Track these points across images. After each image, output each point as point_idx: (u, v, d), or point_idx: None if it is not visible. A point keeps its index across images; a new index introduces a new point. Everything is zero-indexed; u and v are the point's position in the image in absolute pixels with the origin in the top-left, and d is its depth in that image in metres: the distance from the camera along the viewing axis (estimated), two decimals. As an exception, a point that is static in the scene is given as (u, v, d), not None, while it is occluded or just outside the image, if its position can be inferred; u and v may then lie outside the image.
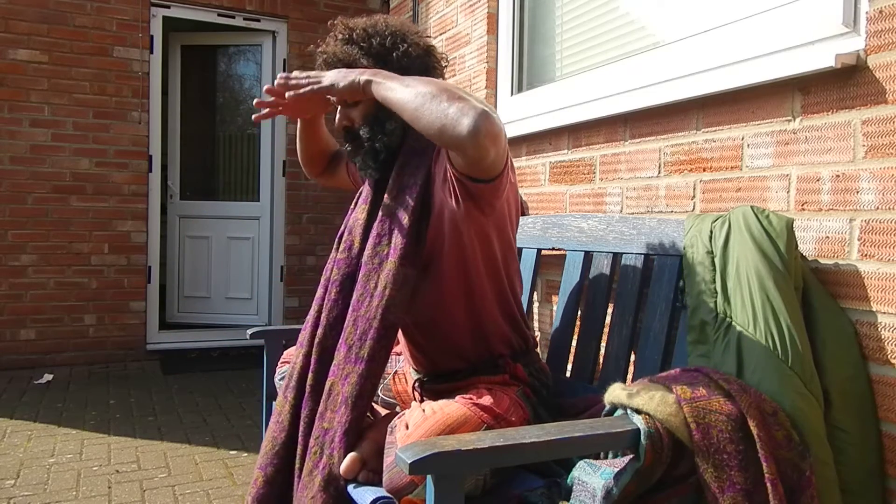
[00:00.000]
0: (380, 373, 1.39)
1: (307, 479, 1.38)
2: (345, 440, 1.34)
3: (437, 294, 1.44)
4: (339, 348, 1.43)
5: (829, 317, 1.26)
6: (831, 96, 1.34)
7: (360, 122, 1.48)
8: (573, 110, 2.09)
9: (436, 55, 1.52)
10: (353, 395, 1.36)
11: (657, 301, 1.48)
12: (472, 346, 1.47)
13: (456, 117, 1.18)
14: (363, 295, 1.43)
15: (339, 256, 1.55)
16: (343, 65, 1.46)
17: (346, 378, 1.39)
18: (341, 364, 1.41)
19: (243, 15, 4.75)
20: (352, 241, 1.53)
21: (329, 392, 1.41)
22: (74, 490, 2.40)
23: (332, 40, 1.50)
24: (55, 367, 4.19)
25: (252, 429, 3.16)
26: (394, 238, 1.42)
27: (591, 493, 1.07)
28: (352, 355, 1.39)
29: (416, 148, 1.47)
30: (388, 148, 1.47)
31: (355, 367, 1.38)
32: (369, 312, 1.40)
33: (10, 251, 4.15)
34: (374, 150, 1.47)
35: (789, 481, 1.07)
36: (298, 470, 1.43)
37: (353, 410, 1.35)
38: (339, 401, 1.38)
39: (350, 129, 1.51)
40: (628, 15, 2.08)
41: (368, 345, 1.38)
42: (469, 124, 1.16)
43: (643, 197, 1.83)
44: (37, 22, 4.16)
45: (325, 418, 1.40)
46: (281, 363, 1.93)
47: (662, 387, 1.11)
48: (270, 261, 4.98)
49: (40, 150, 4.20)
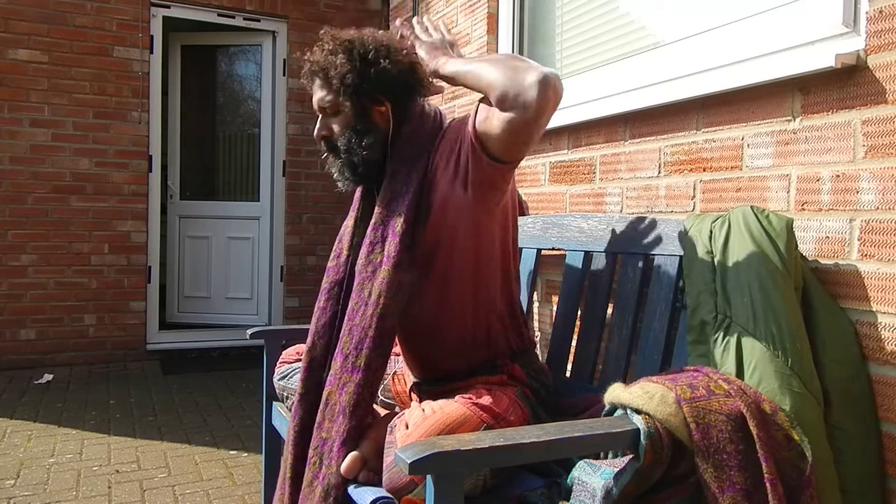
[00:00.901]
0: (377, 381, 1.40)
1: (307, 490, 1.39)
2: (343, 450, 1.35)
3: (441, 293, 1.45)
4: (336, 358, 1.44)
5: (829, 317, 1.26)
6: (831, 96, 1.34)
7: (339, 133, 1.49)
8: (573, 110, 2.09)
9: (419, 73, 1.50)
10: (350, 404, 1.37)
11: (657, 301, 1.48)
12: (473, 347, 1.48)
13: (530, 82, 1.22)
14: (357, 304, 1.44)
15: (329, 264, 1.60)
16: (321, 76, 1.48)
17: (343, 387, 1.39)
18: (338, 373, 1.42)
19: (243, 15, 4.75)
20: (341, 249, 1.58)
21: (327, 402, 1.42)
22: (74, 490, 2.40)
23: (318, 49, 1.51)
24: (55, 367, 4.19)
25: (252, 429, 3.16)
26: (387, 246, 1.42)
27: (591, 493, 1.07)
28: (348, 365, 1.40)
29: (408, 156, 1.47)
30: (365, 162, 1.48)
31: (352, 376, 1.39)
32: (364, 321, 1.40)
33: (10, 251, 4.15)
34: (351, 163, 1.49)
35: (789, 481, 1.07)
36: (290, 479, 1.46)
37: (350, 419, 1.36)
38: (337, 410, 1.39)
39: (328, 140, 1.52)
40: (628, 15, 2.08)
41: (364, 354, 1.38)
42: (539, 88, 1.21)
43: (643, 197, 1.83)
44: (37, 22, 4.16)
45: (322, 428, 1.41)
46: (280, 363, 1.94)
47: (662, 387, 1.11)
48: (270, 261, 4.98)
49: (40, 150, 4.20)
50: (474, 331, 1.47)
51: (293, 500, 1.45)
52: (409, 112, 1.50)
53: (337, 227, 4.99)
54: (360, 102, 1.47)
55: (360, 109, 1.47)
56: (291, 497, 1.45)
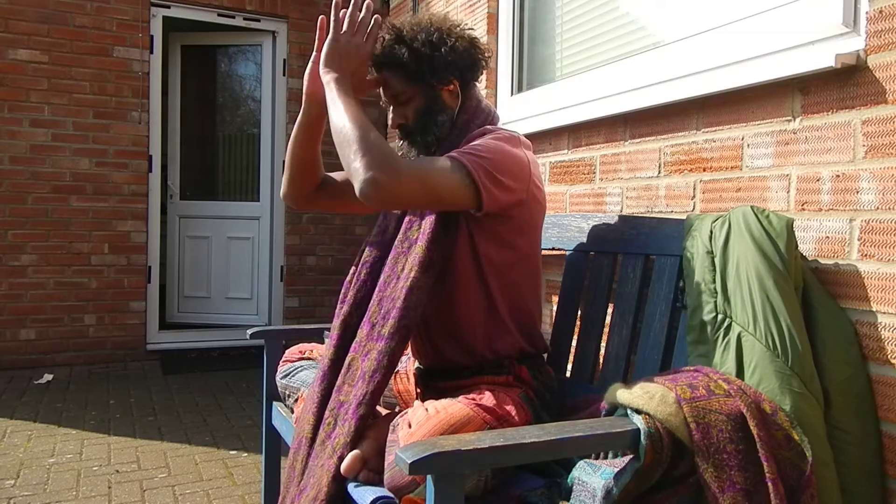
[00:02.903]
0: (399, 352, 1.41)
1: (319, 448, 1.41)
2: (357, 412, 1.36)
3: (461, 281, 1.47)
4: (363, 326, 1.47)
5: (829, 317, 1.26)
6: (831, 96, 1.34)
7: (414, 118, 1.53)
8: (573, 110, 2.09)
9: (480, 46, 1.56)
10: (370, 369, 1.39)
11: (657, 301, 1.48)
12: (482, 344, 1.49)
13: (354, 174, 1.30)
14: (390, 277, 1.48)
15: (373, 239, 1.61)
16: (391, 66, 1.51)
17: (366, 354, 1.42)
18: (363, 341, 1.45)
19: (243, 15, 4.75)
20: (387, 225, 1.59)
21: (349, 367, 1.45)
22: (74, 490, 2.40)
23: (379, 42, 1.52)
24: (55, 367, 4.19)
25: (252, 429, 3.16)
26: (424, 223, 1.46)
27: (591, 493, 1.07)
28: (374, 333, 1.43)
29: (455, 144, 1.51)
30: (438, 140, 1.53)
31: (377, 343, 1.41)
32: (394, 293, 1.43)
33: (10, 251, 4.15)
34: (426, 143, 1.53)
35: (789, 481, 1.07)
36: (308, 439, 1.47)
37: (369, 384, 1.38)
38: (357, 375, 1.42)
39: (405, 126, 1.55)
40: (628, 15, 2.08)
41: (390, 323, 1.41)
42: (359, 187, 1.28)
43: (643, 197, 1.83)
44: (37, 22, 4.16)
45: (342, 391, 1.44)
46: (283, 362, 1.94)
47: (662, 387, 1.11)
48: (270, 261, 4.98)
49: (40, 150, 4.20)
50: (486, 326, 1.48)
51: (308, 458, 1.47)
52: (473, 90, 1.56)
53: (337, 226, 5.01)
54: (432, 86, 1.50)
55: (431, 93, 1.51)
56: (306, 457, 1.47)
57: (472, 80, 1.57)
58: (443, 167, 1.35)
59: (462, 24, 1.56)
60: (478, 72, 1.57)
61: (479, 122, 1.55)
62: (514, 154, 1.43)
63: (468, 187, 1.35)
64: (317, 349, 1.95)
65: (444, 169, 1.34)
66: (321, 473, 1.36)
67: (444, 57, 1.48)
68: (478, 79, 1.59)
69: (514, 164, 1.42)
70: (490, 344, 1.49)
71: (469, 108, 1.55)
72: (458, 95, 1.54)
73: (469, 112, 1.55)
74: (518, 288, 1.51)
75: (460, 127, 1.53)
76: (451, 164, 1.35)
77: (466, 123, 1.54)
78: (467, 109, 1.55)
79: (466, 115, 1.54)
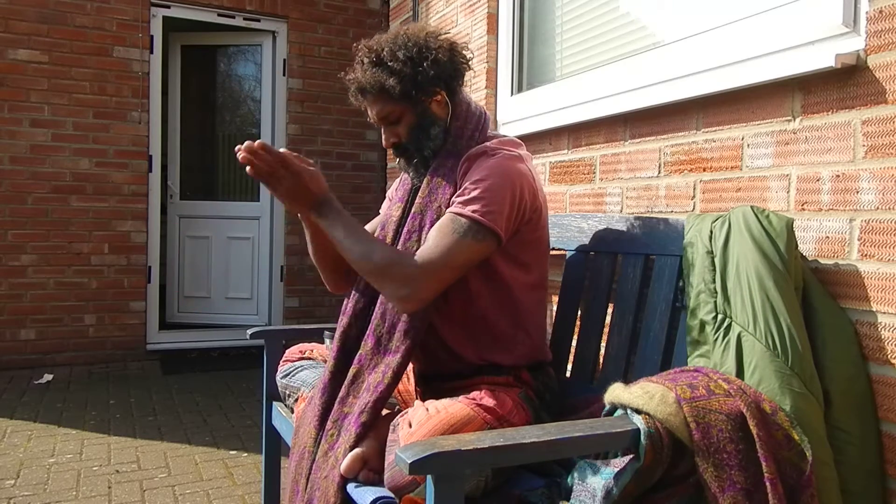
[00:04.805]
0: (405, 365, 1.42)
1: (321, 459, 1.41)
2: (360, 420, 1.37)
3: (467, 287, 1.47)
4: (367, 339, 1.47)
5: (829, 317, 1.26)
6: (831, 96, 1.34)
7: (406, 135, 1.52)
8: (573, 110, 2.09)
9: (460, 51, 1.54)
10: (376, 382, 1.40)
11: (657, 301, 1.48)
12: (485, 356, 1.48)
13: (384, 296, 1.43)
14: None
15: None
16: (375, 90, 1.48)
17: (373, 368, 1.43)
18: (369, 354, 1.45)
19: (243, 15, 4.75)
20: (384, 236, 1.58)
21: (354, 379, 1.45)
22: (74, 490, 2.40)
23: (358, 66, 1.51)
24: (55, 367, 4.19)
25: (252, 429, 3.16)
26: (423, 235, 1.45)
27: (591, 493, 1.07)
28: (380, 347, 1.44)
29: (452, 151, 1.52)
30: (434, 152, 1.53)
31: (384, 357, 1.42)
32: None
33: (10, 251, 4.15)
34: (423, 158, 1.53)
35: (789, 481, 1.07)
36: (310, 451, 1.47)
37: (373, 394, 1.39)
38: (363, 388, 1.42)
39: (399, 145, 1.54)
40: (628, 15, 2.08)
41: (396, 337, 1.42)
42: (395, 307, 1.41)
43: (643, 197, 1.83)
44: (37, 22, 4.16)
45: (346, 403, 1.44)
46: (283, 361, 1.94)
47: (662, 387, 1.11)
48: (270, 261, 4.98)
49: (40, 150, 4.20)
50: (493, 331, 1.48)
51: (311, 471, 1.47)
52: (460, 95, 1.55)
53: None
54: (419, 101, 1.49)
55: (420, 107, 1.50)
56: (308, 471, 1.46)
57: (459, 86, 1.55)
58: (453, 239, 1.35)
59: (438, 31, 1.53)
60: (463, 77, 1.55)
61: (473, 125, 1.54)
62: (513, 178, 1.42)
63: (484, 237, 1.37)
64: (317, 349, 1.95)
65: (455, 239, 1.35)
66: (326, 485, 1.36)
67: (426, 71, 1.46)
68: (463, 83, 1.57)
69: (516, 188, 1.42)
70: (493, 358, 1.48)
71: (460, 113, 1.54)
72: (446, 104, 1.53)
73: (461, 118, 1.54)
74: (524, 301, 1.51)
75: (455, 133, 1.53)
76: (458, 226, 1.36)
77: (461, 129, 1.53)
78: (459, 115, 1.53)
79: (459, 120, 1.53)
